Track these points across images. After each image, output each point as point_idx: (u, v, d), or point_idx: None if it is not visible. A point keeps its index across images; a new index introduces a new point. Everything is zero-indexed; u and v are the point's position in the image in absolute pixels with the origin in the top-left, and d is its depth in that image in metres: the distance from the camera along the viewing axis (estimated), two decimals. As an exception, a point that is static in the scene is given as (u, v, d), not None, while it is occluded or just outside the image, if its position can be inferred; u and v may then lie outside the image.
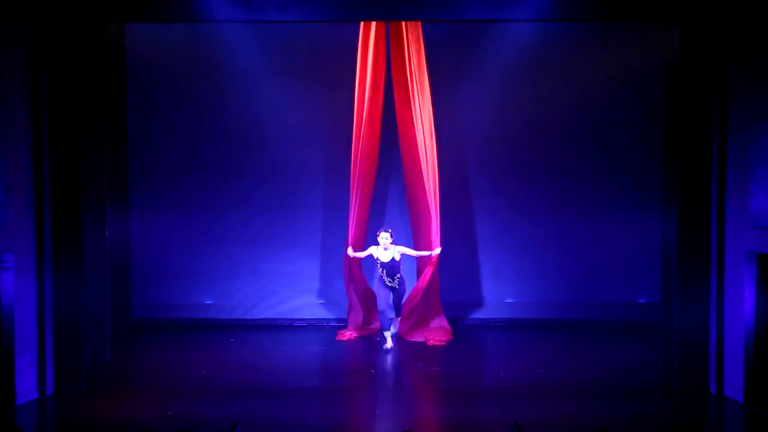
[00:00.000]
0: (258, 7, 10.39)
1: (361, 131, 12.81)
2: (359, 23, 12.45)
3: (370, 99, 12.73)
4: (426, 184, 12.78)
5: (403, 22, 12.36)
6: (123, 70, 13.15)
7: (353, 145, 12.87)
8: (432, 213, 12.76)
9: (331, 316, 14.01)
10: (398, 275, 12.59)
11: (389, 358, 12.40)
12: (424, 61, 12.70)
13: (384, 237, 12.52)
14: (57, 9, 10.14)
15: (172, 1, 10.45)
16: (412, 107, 12.69)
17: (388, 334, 12.54)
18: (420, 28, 12.61)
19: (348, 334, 13.06)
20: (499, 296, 14.20)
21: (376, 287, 12.73)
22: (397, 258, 12.56)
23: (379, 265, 12.58)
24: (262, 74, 13.68)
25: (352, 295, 13.30)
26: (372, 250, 12.62)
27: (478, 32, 13.58)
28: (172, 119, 13.86)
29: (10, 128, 9.75)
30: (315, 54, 13.74)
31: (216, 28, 13.14)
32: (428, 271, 12.84)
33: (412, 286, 13.07)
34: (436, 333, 13.03)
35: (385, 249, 12.52)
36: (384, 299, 12.60)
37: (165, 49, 13.63)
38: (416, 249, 13.00)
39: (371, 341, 12.98)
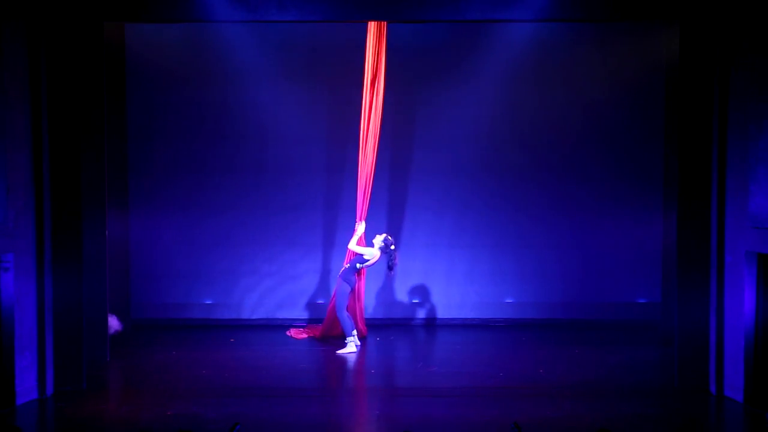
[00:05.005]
0: (258, 7, 10.40)
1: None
2: (366, 22, 12.42)
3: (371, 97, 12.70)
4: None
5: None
6: (123, 70, 13.15)
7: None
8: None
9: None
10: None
11: (388, 359, 12.41)
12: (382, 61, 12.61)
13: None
14: (57, 9, 10.14)
15: (172, 1, 10.45)
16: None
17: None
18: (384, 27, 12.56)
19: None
20: (499, 296, 14.20)
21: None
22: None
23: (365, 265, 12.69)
24: (262, 74, 13.70)
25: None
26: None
27: (478, 32, 13.60)
28: (172, 119, 13.88)
29: (10, 128, 9.74)
30: (315, 53, 13.76)
31: (216, 28, 13.17)
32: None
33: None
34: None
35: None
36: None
37: (165, 49, 13.65)
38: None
39: (371, 342, 12.97)
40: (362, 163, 12.63)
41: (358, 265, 12.55)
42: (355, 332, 12.38)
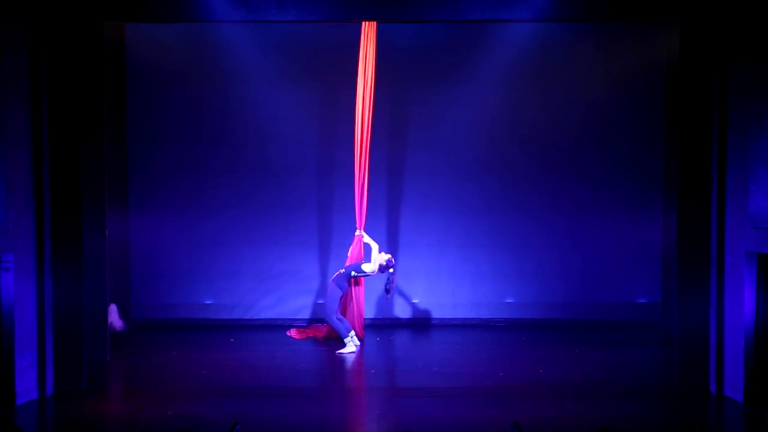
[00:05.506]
0: (258, 7, 10.40)
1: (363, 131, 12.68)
2: (361, 23, 12.42)
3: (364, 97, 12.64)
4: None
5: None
6: (123, 70, 13.15)
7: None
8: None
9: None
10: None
11: (388, 359, 12.41)
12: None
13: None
14: (57, 9, 10.14)
15: (172, 1, 10.46)
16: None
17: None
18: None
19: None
20: (499, 296, 14.20)
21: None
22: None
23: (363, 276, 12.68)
24: (263, 74, 13.71)
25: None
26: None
27: (477, 32, 13.60)
28: (172, 119, 13.89)
29: (10, 128, 9.74)
30: (315, 53, 13.77)
31: (216, 27, 13.17)
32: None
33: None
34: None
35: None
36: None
37: (165, 49, 13.65)
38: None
39: (371, 342, 12.97)
40: (357, 168, 12.61)
41: (353, 273, 12.53)
42: (352, 333, 12.37)
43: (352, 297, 12.73)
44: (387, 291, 12.67)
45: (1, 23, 9.58)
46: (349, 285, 12.60)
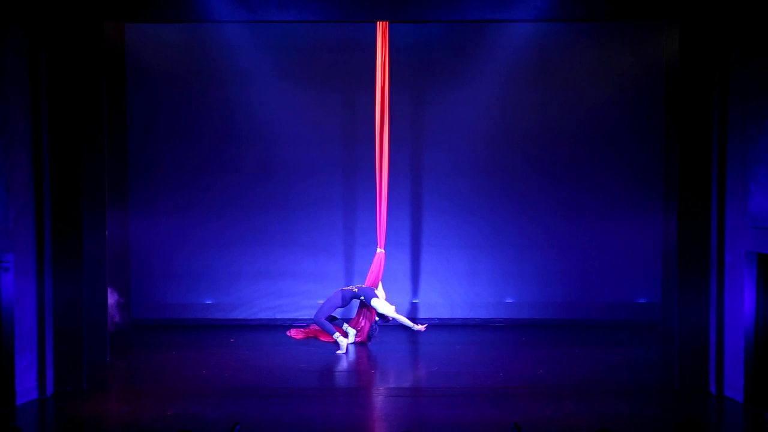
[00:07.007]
0: (258, 7, 10.41)
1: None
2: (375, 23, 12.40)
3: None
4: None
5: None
6: (123, 70, 13.16)
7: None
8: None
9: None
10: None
11: (389, 359, 12.41)
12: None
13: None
14: (57, 9, 10.14)
15: (172, 1, 10.46)
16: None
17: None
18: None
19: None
20: (499, 296, 14.20)
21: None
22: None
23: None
24: (263, 74, 13.71)
25: None
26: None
27: (478, 33, 13.60)
28: (172, 119, 13.89)
29: (10, 128, 9.74)
30: (315, 53, 13.78)
31: (216, 27, 13.19)
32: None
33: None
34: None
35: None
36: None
37: (165, 49, 13.66)
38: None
39: (371, 342, 12.96)
40: (378, 184, 12.50)
41: (362, 298, 12.49)
42: (345, 324, 12.45)
43: (363, 315, 12.70)
44: (369, 338, 12.63)
45: (1, 24, 9.58)
46: (348, 303, 12.63)
